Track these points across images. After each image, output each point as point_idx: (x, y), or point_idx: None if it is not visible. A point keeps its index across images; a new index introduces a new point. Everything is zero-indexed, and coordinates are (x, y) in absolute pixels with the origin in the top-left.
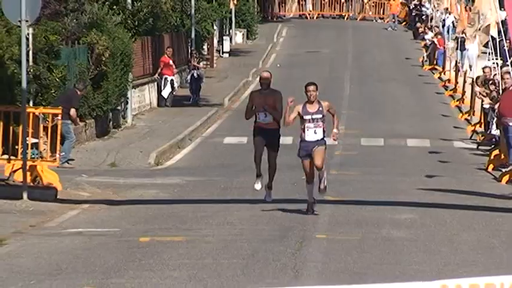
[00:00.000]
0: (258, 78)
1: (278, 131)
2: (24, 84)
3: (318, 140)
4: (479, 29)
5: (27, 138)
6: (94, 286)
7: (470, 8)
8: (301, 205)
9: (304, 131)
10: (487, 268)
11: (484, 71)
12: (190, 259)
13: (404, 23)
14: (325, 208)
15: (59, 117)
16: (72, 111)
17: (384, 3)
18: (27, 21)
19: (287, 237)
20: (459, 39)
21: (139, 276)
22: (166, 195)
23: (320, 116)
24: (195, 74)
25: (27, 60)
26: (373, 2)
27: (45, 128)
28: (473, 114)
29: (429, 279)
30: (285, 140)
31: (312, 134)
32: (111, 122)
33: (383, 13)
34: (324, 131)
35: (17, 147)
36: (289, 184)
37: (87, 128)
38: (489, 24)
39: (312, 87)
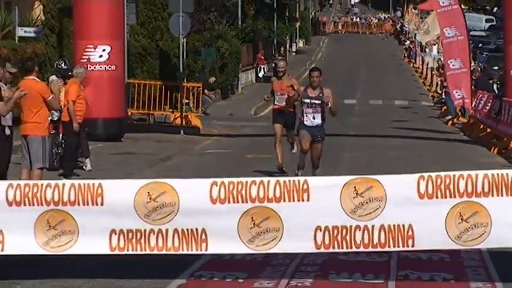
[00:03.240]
0: (311, 65)
1: (294, 113)
2: (181, 69)
3: (317, 126)
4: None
5: (183, 100)
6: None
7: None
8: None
9: (303, 115)
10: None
11: (438, 62)
12: (272, 168)
13: (393, 35)
14: (348, 139)
15: (200, 89)
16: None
17: (382, 25)
18: (183, 34)
19: (326, 155)
20: (422, 46)
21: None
22: (260, 131)
23: (319, 101)
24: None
25: (183, 56)
26: (375, 24)
27: (193, 94)
28: (431, 86)
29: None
30: None
31: (311, 119)
32: (229, 91)
33: (381, 30)
34: (322, 116)
35: (177, 104)
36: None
37: (216, 94)
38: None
39: (315, 73)
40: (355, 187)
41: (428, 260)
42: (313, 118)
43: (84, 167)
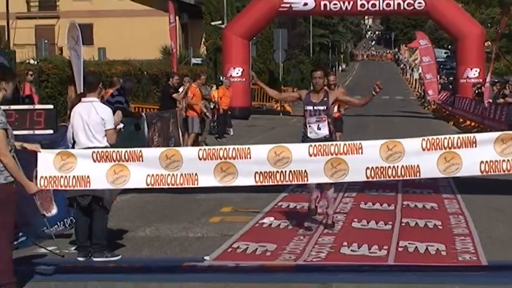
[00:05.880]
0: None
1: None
2: (280, 80)
3: (324, 138)
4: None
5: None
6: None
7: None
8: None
9: (306, 126)
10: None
11: (420, 75)
12: None
13: (393, 61)
14: (371, 117)
15: (291, 90)
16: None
17: (387, 55)
18: (281, 61)
19: (359, 127)
20: (411, 66)
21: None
22: None
23: (323, 107)
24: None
25: (281, 73)
26: (384, 55)
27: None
28: (415, 89)
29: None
30: None
31: (315, 129)
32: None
33: (387, 58)
34: (329, 126)
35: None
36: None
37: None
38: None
39: (318, 73)
40: (387, 145)
41: (419, 182)
42: (318, 129)
43: (229, 133)
